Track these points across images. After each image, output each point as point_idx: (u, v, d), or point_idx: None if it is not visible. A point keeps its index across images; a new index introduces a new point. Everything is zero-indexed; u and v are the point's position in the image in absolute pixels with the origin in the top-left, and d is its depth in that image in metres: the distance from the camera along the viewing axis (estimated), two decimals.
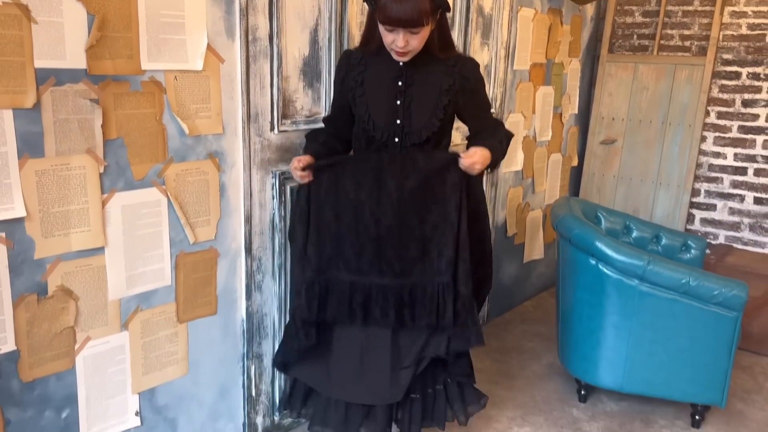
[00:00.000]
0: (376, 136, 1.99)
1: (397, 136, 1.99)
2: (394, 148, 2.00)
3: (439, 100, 1.99)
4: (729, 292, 2.47)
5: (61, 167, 1.67)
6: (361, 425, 2.09)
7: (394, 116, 1.98)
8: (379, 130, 1.98)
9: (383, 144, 2.00)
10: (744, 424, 2.76)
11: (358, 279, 1.99)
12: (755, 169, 3.82)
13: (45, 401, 1.77)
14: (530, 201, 3.85)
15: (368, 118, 1.99)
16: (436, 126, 1.99)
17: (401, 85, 1.98)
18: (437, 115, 1.99)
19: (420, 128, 1.98)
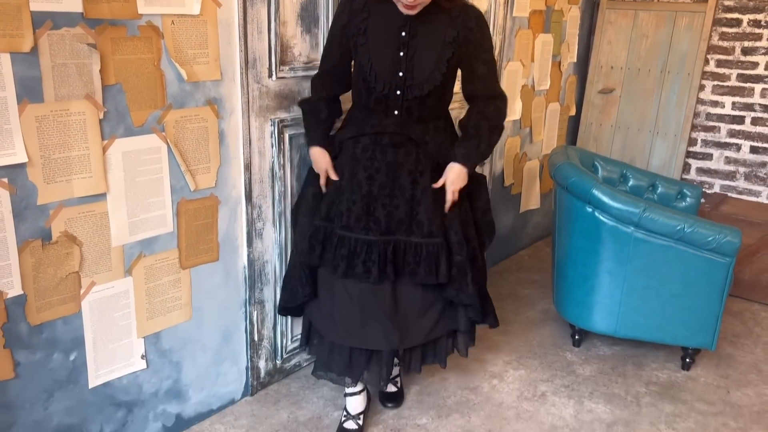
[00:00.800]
0: (377, 88, 1.96)
1: (398, 89, 1.97)
2: (396, 101, 1.98)
3: (442, 53, 1.95)
4: (723, 238, 2.51)
5: (61, 113, 1.67)
6: (365, 369, 2.15)
7: (397, 68, 1.95)
8: (380, 81, 1.96)
9: (384, 96, 1.98)
10: (732, 366, 2.84)
11: (345, 234, 2.03)
12: (753, 118, 3.83)
13: (53, 344, 1.81)
14: (527, 151, 3.86)
15: (370, 69, 1.95)
16: (438, 80, 1.97)
17: (405, 36, 1.94)
18: (440, 68, 1.96)
19: (422, 81, 1.96)
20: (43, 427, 1.84)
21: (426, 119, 2.04)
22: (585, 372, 2.76)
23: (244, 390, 2.45)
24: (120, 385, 2.01)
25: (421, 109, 2.01)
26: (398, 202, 2.02)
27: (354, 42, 1.99)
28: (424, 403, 2.48)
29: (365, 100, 2.03)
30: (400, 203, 2.02)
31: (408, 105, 1.99)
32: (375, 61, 1.95)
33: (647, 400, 2.57)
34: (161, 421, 2.17)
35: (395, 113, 2.00)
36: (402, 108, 1.99)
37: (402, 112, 2.00)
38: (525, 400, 2.53)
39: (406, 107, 1.99)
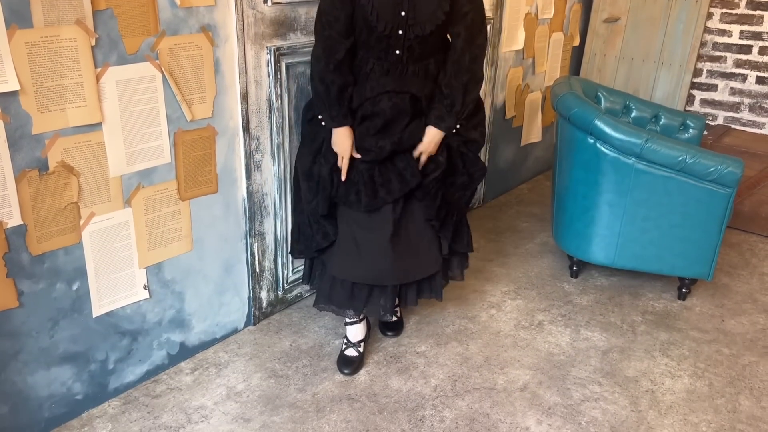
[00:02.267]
0: (378, 27, 1.92)
1: (401, 29, 1.93)
2: (397, 40, 1.94)
3: None
4: (724, 169, 2.50)
5: (52, 39, 1.62)
6: (366, 302, 2.19)
7: (399, 7, 1.91)
8: (382, 21, 1.91)
9: (385, 36, 1.94)
10: (728, 296, 2.88)
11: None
12: (760, 47, 3.74)
13: (55, 274, 1.83)
14: (530, 82, 3.79)
15: (371, 8, 1.90)
16: (440, 19, 1.93)
17: None
18: (443, 7, 1.92)
19: (424, 21, 1.92)
20: (50, 354, 1.88)
21: (426, 56, 2.02)
22: (582, 302, 2.80)
23: (247, 320, 2.49)
24: (124, 314, 2.04)
25: (423, 47, 1.98)
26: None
27: None
28: (423, 331, 2.53)
29: (366, 38, 1.98)
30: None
31: (410, 44, 1.96)
32: (376, 1, 1.90)
33: (643, 328, 2.62)
34: (166, 349, 2.21)
35: (396, 52, 1.97)
36: (403, 47, 1.96)
37: (403, 52, 1.97)
38: (522, 329, 2.58)
39: (407, 46, 1.96)
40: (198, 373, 2.24)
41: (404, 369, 2.31)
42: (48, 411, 1.92)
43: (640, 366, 2.38)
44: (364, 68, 2.01)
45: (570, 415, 2.12)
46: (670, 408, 2.17)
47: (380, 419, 2.06)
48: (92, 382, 2.02)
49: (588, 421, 2.09)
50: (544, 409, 2.14)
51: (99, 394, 2.05)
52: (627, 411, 2.15)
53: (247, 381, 2.21)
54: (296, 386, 2.20)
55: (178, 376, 2.22)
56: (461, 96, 2.02)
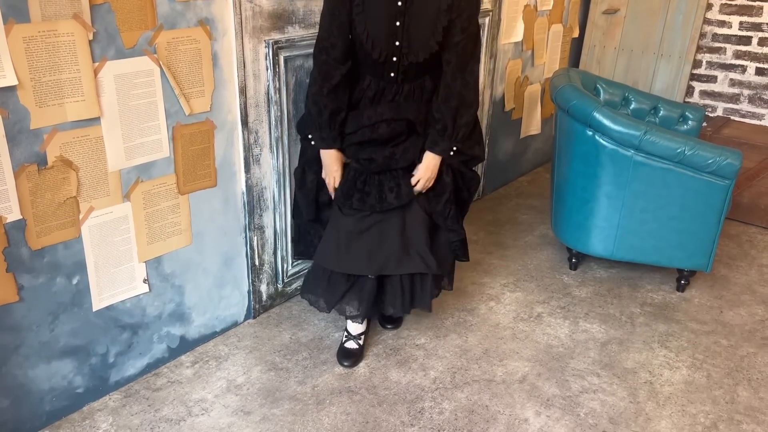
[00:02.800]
0: (373, 55, 1.95)
1: (395, 56, 1.96)
2: (392, 65, 1.98)
3: (438, 21, 1.92)
4: (723, 160, 2.50)
5: (49, 33, 1.62)
6: (342, 296, 2.20)
7: (394, 37, 1.93)
8: (377, 49, 1.94)
9: (380, 63, 1.97)
10: (727, 287, 2.89)
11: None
12: (760, 39, 3.73)
13: (55, 268, 1.84)
14: (529, 74, 3.78)
15: (366, 38, 1.92)
16: (434, 48, 1.95)
17: (401, 6, 1.89)
18: (436, 37, 1.94)
19: (418, 50, 1.95)
20: (51, 348, 1.89)
21: (422, 75, 2.05)
22: (581, 294, 2.80)
23: (247, 313, 2.50)
24: (124, 308, 2.05)
25: (417, 70, 2.02)
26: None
27: (351, 8, 1.93)
28: (423, 324, 2.54)
29: (362, 59, 2.02)
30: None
31: (404, 69, 2.00)
32: (371, 31, 1.93)
33: (641, 320, 2.62)
34: (166, 342, 2.22)
35: (391, 75, 2.01)
36: (398, 71, 2.01)
37: (398, 75, 2.01)
38: (521, 321, 2.58)
39: (402, 70, 2.01)
40: (198, 366, 2.25)
41: (403, 361, 2.32)
42: (49, 404, 1.93)
43: (639, 357, 2.39)
44: (361, 85, 2.05)
45: (569, 406, 2.13)
46: (669, 399, 2.18)
47: (380, 411, 2.07)
48: (93, 375, 2.03)
49: (586, 413, 2.10)
50: (543, 401, 2.15)
51: (100, 388, 2.06)
52: (625, 402, 2.16)
53: (247, 374, 2.22)
54: (296, 379, 2.21)
55: (179, 370, 2.23)
56: (452, 120, 2.04)
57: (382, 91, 2.05)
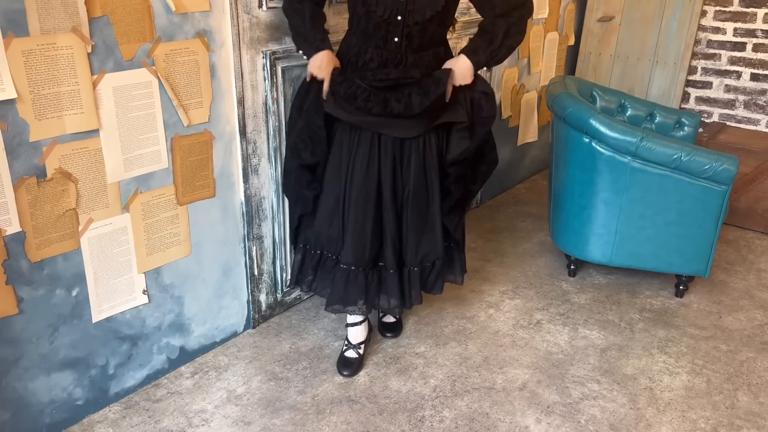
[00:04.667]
0: (377, 12, 1.91)
1: (399, 14, 1.92)
2: (396, 27, 1.93)
3: None
4: (719, 166, 2.51)
5: (48, 47, 1.63)
6: (329, 283, 2.17)
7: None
8: (381, 6, 1.90)
9: (384, 21, 1.93)
10: (725, 293, 2.90)
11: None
12: (754, 44, 3.76)
13: (55, 280, 1.84)
14: (525, 82, 3.80)
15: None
16: (440, 4, 1.92)
17: None
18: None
19: (424, 6, 1.91)
20: (50, 360, 1.89)
21: (426, 46, 2.00)
22: (580, 300, 2.81)
23: (246, 323, 2.50)
24: (123, 319, 2.05)
25: (422, 35, 1.97)
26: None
27: None
28: (422, 332, 2.54)
29: (364, 25, 1.97)
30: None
31: (408, 31, 1.94)
32: None
33: (641, 326, 2.63)
34: (165, 353, 2.22)
35: (395, 40, 1.96)
36: (402, 34, 1.95)
37: (402, 39, 1.96)
38: (521, 328, 2.59)
39: (406, 33, 1.95)
40: (198, 376, 2.25)
41: (403, 370, 2.32)
42: (49, 417, 1.93)
43: (639, 363, 2.39)
44: (363, 57, 2.00)
45: (569, 413, 2.13)
46: (669, 405, 2.18)
47: (380, 420, 2.07)
48: (93, 387, 2.03)
49: (587, 420, 2.10)
50: (543, 408, 2.15)
51: (100, 399, 2.06)
52: (626, 409, 2.16)
53: (247, 384, 2.22)
54: (296, 388, 2.20)
55: (179, 380, 2.22)
56: (501, 35, 1.96)
57: (385, 63, 1.99)
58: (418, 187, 2.05)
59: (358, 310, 2.16)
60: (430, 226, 2.11)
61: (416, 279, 2.16)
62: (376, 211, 2.05)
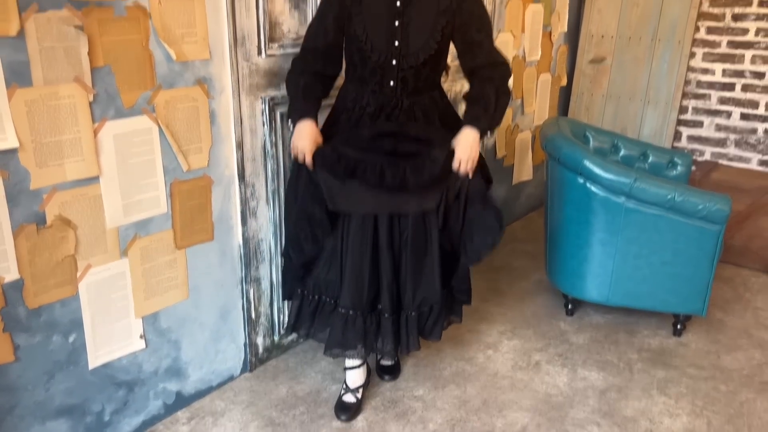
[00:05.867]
0: (372, 57, 1.97)
1: (394, 58, 1.97)
2: (391, 71, 1.98)
3: (436, 22, 1.97)
4: (713, 206, 2.54)
5: (50, 96, 1.66)
6: (325, 324, 2.17)
7: (392, 38, 1.96)
8: (376, 51, 1.96)
9: (379, 66, 1.98)
10: (723, 331, 2.90)
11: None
12: (743, 85, 3.83)
13: (52, 327, 1.83)
14: (519, 122, 3.86)
15: (366, 38, 1.95)
16: (433, 48, 1.98)
17: (399, 6, 1.95)
18: (435, 37, 1.97)
19: (417, 50, 1.97)
20: (46, 407, 1.87)
21: (421, 90, 2.05)
22: (578, 340, 2.80)
23: (243, 366, 2.48)
24: (120, 365, 2.04)
25: (417, 78, 2.02)
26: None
27: (349, 12, 1.99)
28: (421, 374, 2.52)
29: (360, 71, 2.03)
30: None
31: (403, 75, 2.00)
32: (371, 31, 1.96)
33: (639, 366, 2.62)
34: (162, 399, 2.20)
35: (390, 84, 2.01)
36: (397, 78, 2.00)
37: (397, 83, 2.00)
38: (519, 370, 2.57)
39: (401, 77, 2.00)
40: (194, 422, 2.22)
41: (402, 414, 2.30)
42: None
43: (638, 405, 2.37)
44: (360, 102, 2.05)
45: None
46: None
47: None
48: None
49: None
50: None
51: None
52: None
53: (243, 430, 2.19)
54: None
55: (175, 426, 2.20)
56: (494, 99, 2.00)
57: (381, 107, 2.03)
58: (417, 232, 2.06)
59: (357, 354, 2.15)
60: (428, 271, 2.11)
61: (414, 324, 2.15)
62: (374, 255, 2.06)
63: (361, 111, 2.05)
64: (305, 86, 2.02)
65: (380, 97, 2.03)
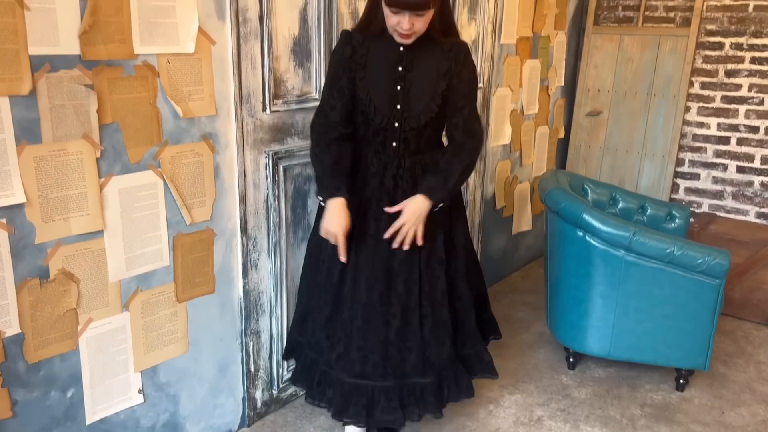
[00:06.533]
0: (375, 120, 2.02)
1: (396, 121, 2.03)
2: (394, 132, 2.04)
3: (437, 85, 2.03)
4: (712, 260, 2.55)
5: (59, 153, 1.69)
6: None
7: (395, 101, 2.02)
8: (379, 114, 2.02)
9: (382, 128, 2.04)
10: (726, 386, 2.87)
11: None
12: (738, 139, 3.89)
13: (50, 382, 1.82)
14: (518, 174, 3.90)
15: (369, 102, 2.01)
16: (434, 111, 2.04)
17: (401, 71, 2.01)
18: (435, 100, 2.03)
19: (419, 113, 2.03)
20: None
21: (422, 150, 2.10)
22: (580, 395, 2.77)
23: (241, 421, 2.45)
24: (117, 420, 2.01)
25: (418, 139, 2.08)
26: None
27: (354, 75, 2.04)
28: (421, 430, 2.48)
29: (363, 132, 2.08)
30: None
31: (405, 136, 2.06)
32: (374, 95, 2.02)
33: (643, 422, 2.58)
34: None
35: (393, 145, 2.06)
36: (399, 139, 2.06)
37: (399, 144, 2.06)
38: (521, 426, 2.54)
39: (403, 138, 2.06)
40: None
41: None
42: None
43: None
44: (363, 162, 2.09)
45: None
46: None
47: None
48: None
49: None
50: None
51: None
52: None
53: None
54: None
55: None
56: (458, 174, 2.05)
57: (384, 167, 2.08)
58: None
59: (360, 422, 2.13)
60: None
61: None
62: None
63: (365, 171, 2.10)
64: (334, 162, 2.01)
65: (383, 157, 2.08)
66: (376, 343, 2.07)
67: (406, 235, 2.00)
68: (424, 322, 2.11)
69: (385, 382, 2.09)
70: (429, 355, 2.13)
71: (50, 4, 1.60)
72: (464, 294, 2.23)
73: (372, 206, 2.08)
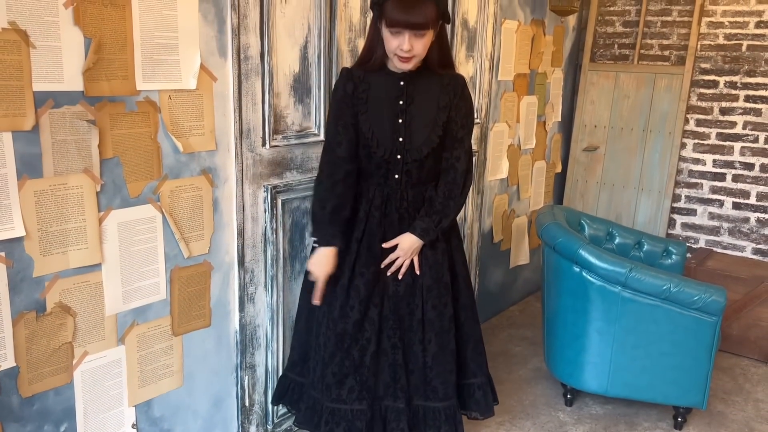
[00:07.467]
0: (378, 153, 2.05)
1: (398, 153, 2.07)
2: (396, 164, 2.07)
3: (437, 117, 2.07)
4: (708, 297, 2.55)
5: (59, 187, 1.71)
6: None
7: (397, 134, 2.05)
8: (382, 147, 2.05)
9: (385, 161, 2.07)
10: (724, 425, 2.85)
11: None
12: (733, 175, 3.93)
13: (44, 416, 1.81)
14: (515, 208, 3.93)
15: (371, 136, 2.05)
16: (435, 142, 2.07)
17: (402, 104, 2.05)
18: (436, 131, 2.07)
19: (420, 145, 2.06)
20: None
21: (424, 181, 2.13)
22: None
23: None
24: None
25: (420, 171, 2.11)
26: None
27: (356, 111, 2.07)
28: None
29: (365, 165, 2.11)
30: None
31: (407, 168, 2.09)
32: (376, 129, 2.05)
33: None
34: None
35: (395, 177, 2.09)
36: (402, 171, 2.09)
37: (402, 176, 2.09)
38: None
39: (405, 170, 2.09)
40: None
41: None
42: None
43: None
44: (367, 195, 2.12)
45: None
46: None
47: None
48: None
49: None
50: None
51: None
52: None
53: None
54: None
55: None
56: (452, 216, 2.13)
57: (387, 199, 2.11)
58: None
59: None
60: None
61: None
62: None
63: (368, 204, 2.12)
64: (333, 209, 2.06)
65: (385, 189, 2.11)
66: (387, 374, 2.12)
67: (401, 265, 2.11)
68: (428, 348, 2.16)
69: (397, 403, 2.14)
70: (436, 385, 2.15)
71: (56, 42, 1.63)
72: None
73: (376, 237, 2.11)
